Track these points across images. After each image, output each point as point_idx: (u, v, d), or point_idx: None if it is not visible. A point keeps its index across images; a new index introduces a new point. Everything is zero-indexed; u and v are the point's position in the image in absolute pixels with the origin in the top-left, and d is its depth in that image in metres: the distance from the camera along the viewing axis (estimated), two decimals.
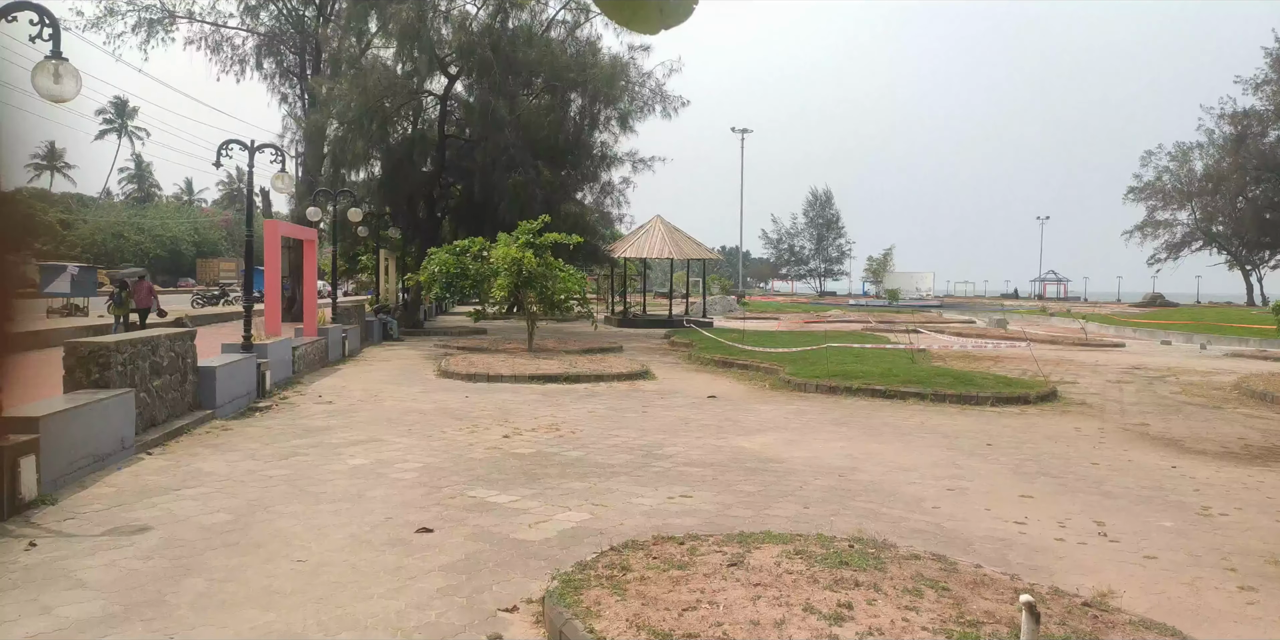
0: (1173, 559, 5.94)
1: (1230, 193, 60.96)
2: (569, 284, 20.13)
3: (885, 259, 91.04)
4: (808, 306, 56.92)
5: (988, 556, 5.85)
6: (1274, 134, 59.06)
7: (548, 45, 28.21)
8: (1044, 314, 48.72)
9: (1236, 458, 9.75)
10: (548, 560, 5.53)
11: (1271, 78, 58.08)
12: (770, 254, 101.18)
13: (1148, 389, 15.76)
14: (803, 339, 23.49)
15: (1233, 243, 64.26)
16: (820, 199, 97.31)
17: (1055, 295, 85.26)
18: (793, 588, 4.53)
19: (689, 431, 10.69)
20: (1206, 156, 63.47)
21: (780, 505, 7.15)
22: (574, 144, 29.97)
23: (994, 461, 9.20)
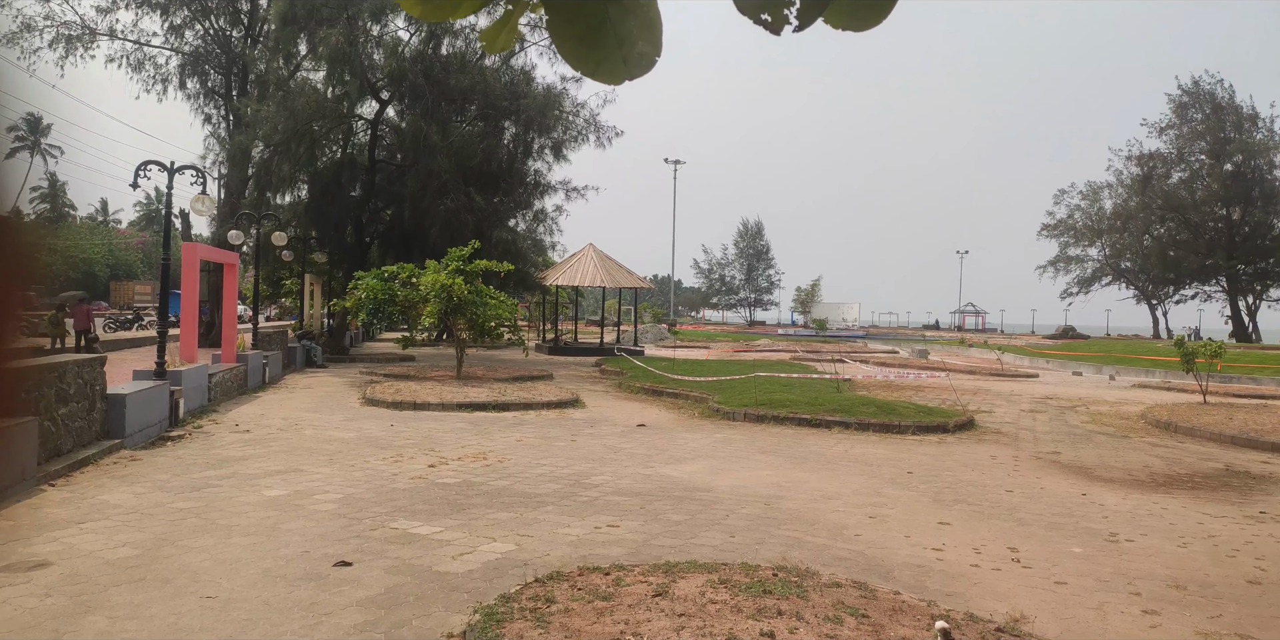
0: (1081, 584, 6.14)
1: (1137, 231, 64.04)
2: (499, 311, 20.01)
3: (813, 289, 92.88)
4: (738, 336, 57.57)
5: (907, 583, 5.96)
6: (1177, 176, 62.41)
7: (481, 73, 28.27)
8: (963, 345, 50.26)
9: (1142, 485, 10.16)
10: (471, 593, 5.43)
11: (1174, 123, 61.50)
12: (702, 283, 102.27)
13: (1059, 418, 16.34)
14: (732, 368, 23.74)
15: (1139, 278, 67.40)
16: (751, 230, 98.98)
17: (974, 327, 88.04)
18: (716, 617, 4.54)
19: (617, 460, 10.66)
20: (1115, 196, 66.64)
21: (707, 534, 7.18)
22: (507, 171, 29.98)
23: (914, 489, 9.41)
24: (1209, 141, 59.23)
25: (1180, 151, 61.64)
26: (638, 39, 1.55)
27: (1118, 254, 67.15)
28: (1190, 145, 60.87)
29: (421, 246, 26.87)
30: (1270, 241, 59.29)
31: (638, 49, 1.56)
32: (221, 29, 30.47)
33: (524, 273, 31.61)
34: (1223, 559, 6.95)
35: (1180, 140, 61.42)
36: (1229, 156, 58.37)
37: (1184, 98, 60.88)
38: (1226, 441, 13.62)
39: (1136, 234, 64.06)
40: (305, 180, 28.96)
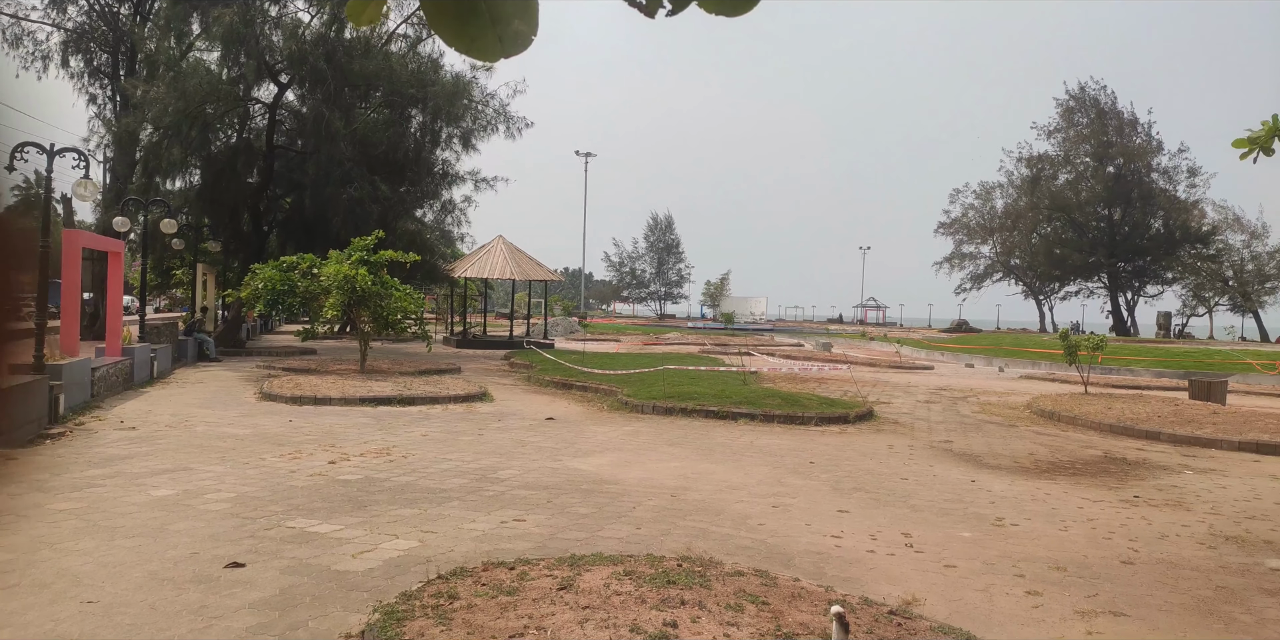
0: (970, 567, 6.42)
1: (1026, 229, 67.19)
2: (405, 303, 19.59)
3: (722, 284, 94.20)
4: (648, 329, 57.92)
5: (806, 570, 6.12)
6: (1063, 177, 65.71)
7: (387, 59, 27.56)
8: (864, 338, 51.79)
9: (1027, 472, 10.68)
10: (371, 592, 5.32)
11: (1062, 126, 64.74)
12: (613, 276, 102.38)
13: (952, 409, 17.02)
14: (642, 361, 23.86)
15: (1028, 275, 70.76)
16: (661, 224, 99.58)
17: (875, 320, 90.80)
18: (620, 609, 4.57)
19: (525, 454, 10.60)
20: (1006, 196, 69.77)
21: (614, 526, 7.21)
22: (414, 160, 29.34)
23: (815, 478, 9.66)
24: (1093, 145, 62.51)
25: (1067, 154, 64.90)
26: (513, 17, 1.54)
27: (1008, 251, 70.27)
28: (1076, 148, 64.15)
29: (324, 236, 26.07)
30: (1147, 241, 62.98)
31: (513, 27, 1.55)
32: (108, 4, 28.84)
33: (431, 264, 31.06)
34: (1100, 541, 7.37)
35: (1067, 143, 64.68)
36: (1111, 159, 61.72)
37: (1071, 102, 64.09)
38: (1105, 430, 14.44)
39: (1025, 232, 67.16)
40: (198, 165, 27.69)
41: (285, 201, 30.85)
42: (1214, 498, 9.33)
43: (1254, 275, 61.16)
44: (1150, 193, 62.06)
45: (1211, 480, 10.37)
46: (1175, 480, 10.30)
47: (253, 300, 19.85)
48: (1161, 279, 65.47)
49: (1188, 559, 6.86)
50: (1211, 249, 62.86)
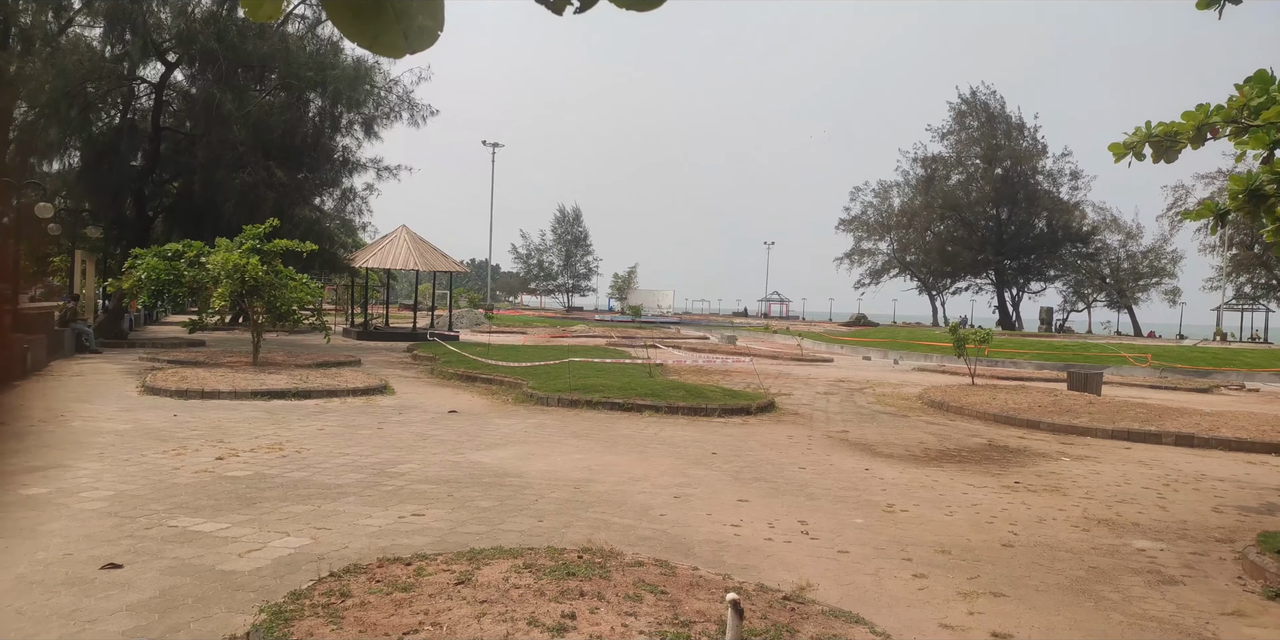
0: (861, 552, 6.63)
1: (920, 227, 69.66)
2: (301, 294, 18.95)
3: (630, 276, 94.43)
4: (555, 321, 57.65)
5: (706, 559, 6.21)
6: (955, 178, 68.37)
7: (284, 40, 26.55)
8: (767, 331, 52.85)
9: (917, 460, 11.10)
10: (258, 592, 5.13)
11: (954, 128, 67.31)
12: (520, 268, 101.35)
13: (849, 400, 17.55)
14: (548, 353, 23.74)
15: (922, 271, 73.40)
16: (569, 216, 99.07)
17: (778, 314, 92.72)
18: (519, 602, 4.54)
19: (426, 447, 10.42)
20: (903, 194, 72.19)
21: (515, 519, 7.16)
22: (312, 146, 28.38)
23: (717, 469, 9.81)
24: (983, 147, 65.24)
25: (959, 155, 67.56)
26: (417, 13, 1.50)
27: (904, 248, 72.73)
28: (967, 150, 66.84)
29: (214, 223, 24.96)
30: (1031, 240, 66.15)
31: (418, 23, 1.51)
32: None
33: (331, 254, 30.15)
34: (982, 525, 7.72)
35: (959, 145, 67.32)
36: (999, 162, 64.53)
37: (963, 106, 66.69)
38: (990, 419, 15.13)
39: (920, 230, 69.61)
40: (77, 146, 26.12)
41: (172, 186, 29.42)
42: (1088, 483, 9.89)
43: (1129, 273, 65.09)
44: (1035, 194, 65.23)
45: (1086, 466, 10.99)
46: (1053, 467, 10.88)
47: (135, 290, 18.87)
48: (1044, 276, 68.96)
49: (1063, 541, 7.25)
50: (1090, 248, 66.56)
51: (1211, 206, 8.11)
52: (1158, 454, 12.21)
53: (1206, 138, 7.42)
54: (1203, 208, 8.16)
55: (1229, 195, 8.23)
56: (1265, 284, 62.29)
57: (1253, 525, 7.97)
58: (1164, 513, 8.49)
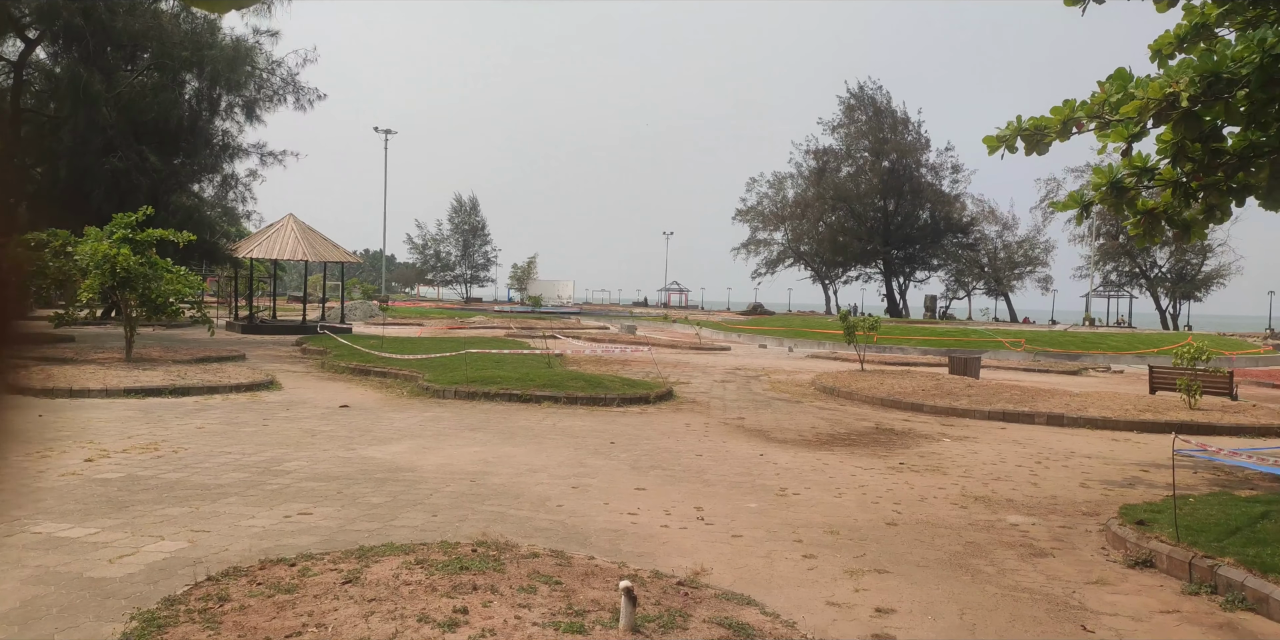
0: (754, 536, 6.78)
1: (813, 218, 71.51)
2: (178, 285, 18.01)
3: (529, 267, 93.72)
4: (453, 312, 56.70)
5: (602, 548, 6.22)
6: (845, 170, 70.40)
7: (156, 17, 25.16)
8: (667, 321, 53.35)
9: (809, 444, 11.42)
10: (130, 599, 4.86)
11: (844, 122, 69.24)
12: (416, 259, 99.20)
13: (746, 387, 17.89)
14: (445, 345, 23.31)
15: (815, 261, 75.40)
16: (466, 206, 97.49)
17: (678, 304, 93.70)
18: (409, 599, 4.45)
19: (315, 444, 10.08)
20: (796, 186, 73.91)
21: (409, 515, 7.01)
22: (189, 130, 27.03)
23: (615, 458, 9.84)
24: (871, 141, 67.37)
25: (848, 148, 69.57)
26: None
27: (798, 238, 74.51)
28: (856, 143, 68.90)
29: (81, 211, 23.48)
30: (916, 230, 68.78)
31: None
32: None
33: (211, 244, 28.83)
34: (869, 505, 8.00)
35: (848, 138, 69.32)
36: (886, 155, 66.77)
37: (851, 100, 68.64)
38: (878, 403, 15.69)
39: (813, 221, 71.45)
40: None
41: (35, 172, 27.50)
42: (966, 462, 10.37)
43: (1005, 262, 68.51)
44: (920, 186, 67.84)
45: (965, 447, 11.53)
46: (935, 448, 11.37)
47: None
48: (928, 265, 71.89)
49: (942, 518, 7.59)
50: (970, 238, 69.73)
51: (1078, 198, 8.60)
52: (1031, 433, 12.91)
53: (1072, 132, 7.85)
54: (1069, 199, 8.64)
55: (1094, 187, 8.75)
56: (1129, 272, 66.70)
57: (1116, 499, 8.51)
58: (1036, 489, 8.99)
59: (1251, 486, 9.06)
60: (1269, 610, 5.27)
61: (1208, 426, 13.16)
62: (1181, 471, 9.74)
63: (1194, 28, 9.09)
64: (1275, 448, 11.31)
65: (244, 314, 35.30)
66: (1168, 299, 65.69)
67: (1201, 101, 7.34)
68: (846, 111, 68.66)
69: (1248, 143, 8.63)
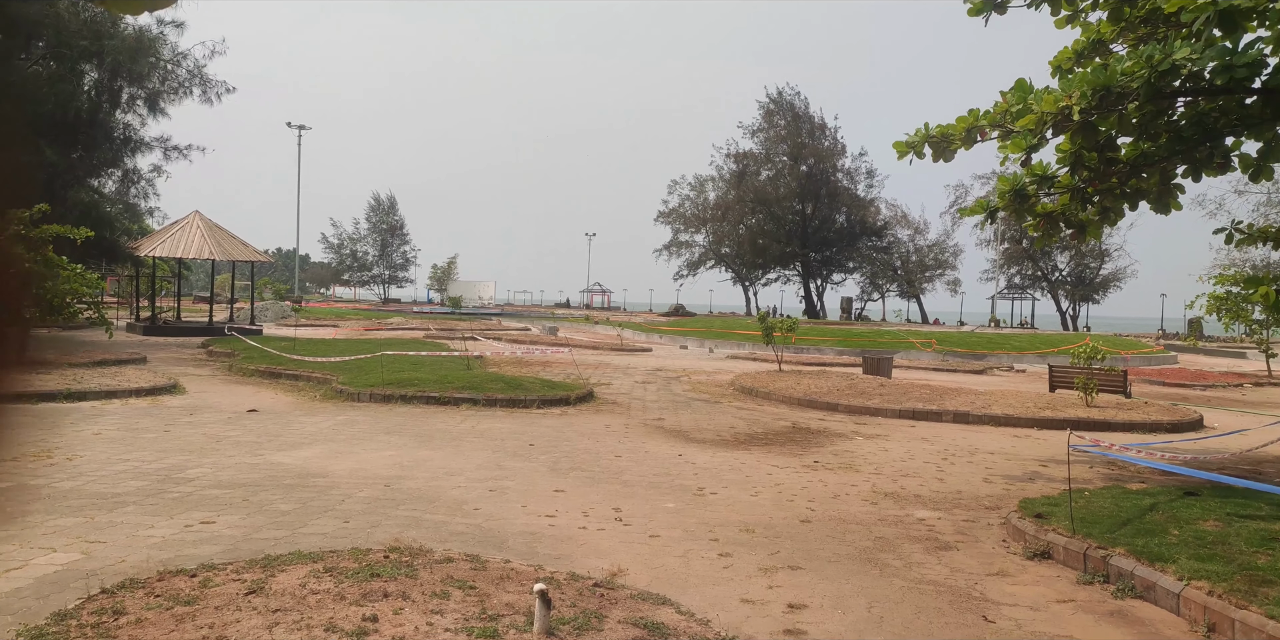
0: (671, 535, 6.83)
1: (734, 220, 72.36)
2: (75, 285, 17.17)
3: (450, 267, 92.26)
4: (370, 313, 55.47)
5: (519, 551, 6.18)
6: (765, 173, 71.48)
7: (53, 5, 23.89)
8: (589, 322, 53.31)
9: (727, 444, 11.56)
10: (17, 614, 4.61)
11: (763, 126, 70.27)
12: (332, 259, 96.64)
13: (666, 388, 18.01)
14: (361, 347, 22.79)
15: (735, 262, 76.33)
16: (384, 205, 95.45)
17: (600, 305, 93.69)
18: (316, 608, 4.33)
19: (221, 450, 9.73)
20: (717, 188, 74.68)
21: (319, 521, 6.83)
22: (88, 123, 25.77)
23: (534, 460, 9.78)
24: (789, 145, 68.58)
25: (767, 152, 70.68)
26: None
27: (719, 240, 75.31)
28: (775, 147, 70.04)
29: None
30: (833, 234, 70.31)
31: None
32: None
33: (111, 241, 27.53)
34: (784, 503, 8.14)
35: (767, 142, 70.42)
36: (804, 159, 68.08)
37: (770, 105, 69.77)
38: (795, 403, 15.99)
39: (734, 223, 72.33)
40: None
41: None
42: (878, 459, 10.66)
43: (917, 265, 70.66)
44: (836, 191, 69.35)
45: (877, 444, 11.84)
46: (848, 445, 11.64)
47: None
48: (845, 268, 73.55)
49: (854, 514, 7.78)
50: (884, 242, 71.63)
51: (983, 204, 8.94)
52: (939, 431, 13.34)
53: (976, 140, 8.15)
54: (976, 205, 8.97)
55: (998, 195, 9.10)
56: (1032, 275, 69.55)
57: (1016, 493, 8.86)
58: (942, 484, 9.29)
59: (1142, 480, 9.55)
60: (1155, 597, 5.56)
61: (1103, 423, 13.82)
62: (1078, 466, 10.21)
63: (1091, 44, 9.55)
64: (1164, 443, 11.95)
65: (146, 315, 33.84)
66: (1068, 301, 68.75)
67: (1094, 114, 7.71)
68: (766, 116, 69.74)
69: (1139, 152, 9.11)
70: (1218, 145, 9.07)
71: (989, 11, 8.78)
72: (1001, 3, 8.86)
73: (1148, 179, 9.32)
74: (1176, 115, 8.99)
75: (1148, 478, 9.69)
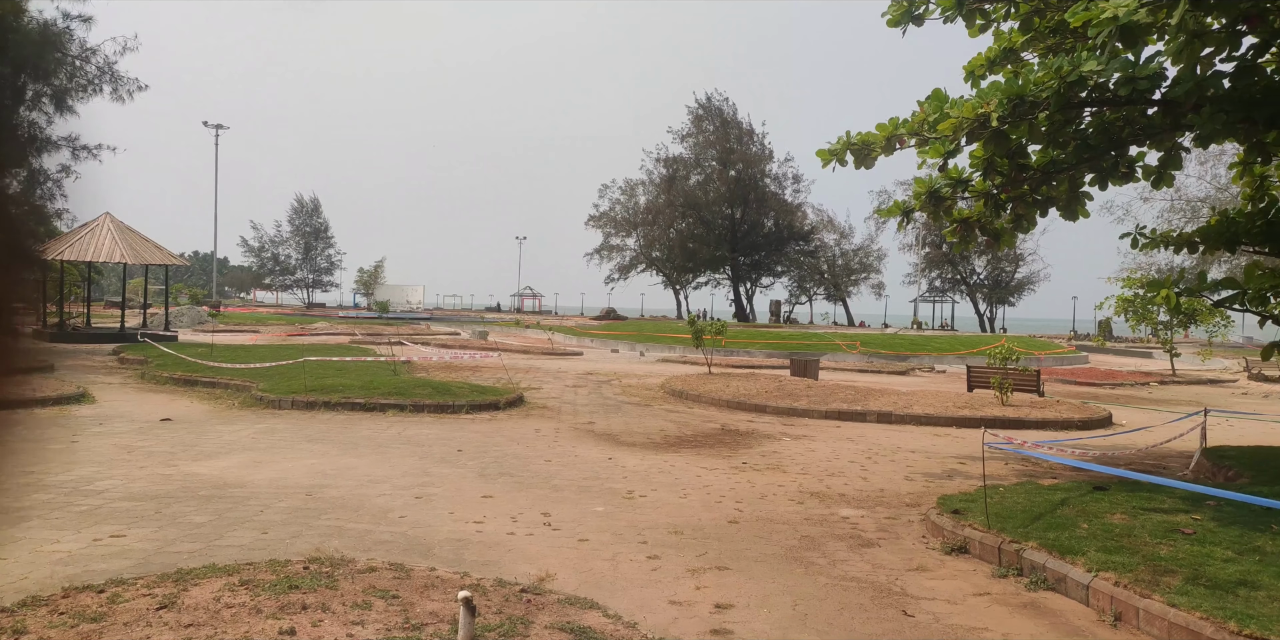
0: (600, 539, 6.82)
1: (664, 224, 72.78)
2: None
3: (376, 271, 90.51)
4: (293, 318, 54.05)
5: (446, 558, 6.09)
6: (695, 178, 72.10)
7: None
8: (520, 326, 52.94)
9: (657, 446, 11.60)
10: None
11: (693, 131, 70.90)
12: (252, 262, 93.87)
13: (597, 391, 17.99)
14: (283, 353, 22.18)
15: (666, 266, 76.75)
16: (307, 207, 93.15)
17: (531, 308, 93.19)
18: (231, 622, 4.20)
19: (132, 461, 9.36)
20: (648, 193, 75.00)
21: (236, 533, 6.62)
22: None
23: (462, 466, 9.66)
24: (718, 150, 69.36)
25: (697, 157, 71.34)
26: None
27: (650, 244, 75.64)
28: (704, 152, 70.75)
29: None
30: (761, 238, 71.30)
31: None
32: None
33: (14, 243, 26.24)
34: (712, 505, 8.21)
35: (697, 147, 71.08)
36: (733, 164, 68.91)
37: (700, 111, 70.46)
38: (724, 405, 16.14)
39: (664, 227, 72.76)
40: None
41: None
42: (804, 460, 10.83)
43: (843, 269, 72.15)
44: (764, 195, 70.37)
45: (804, 445, 12.03)
46: (776, 447, 11.81)
47: None
48: (773, 271, 74.65)
49: (780, 514, 7.89)
50: (811, 246, 72.93)
51: (900, 205, 9.17)
52: (863, 431, 13.63)
53: (896, 147, 8.37)
54: (894, 206, 9.21)
55: (915, 196, 9.35)
56: (952, 279, 71.66)
57: (936, 490, 9.11)
58: (865, 483, 9.49)
59: (1055, 476, 9.91)
60: (1066, 588, 5.78)
61: (1018, 421, 14.31)
62: (994, 463, 10.56)
63: (1003, 52, 9.91)
64: (1075, 440, 12.44)
65: (54, 321, 32.32)
66: (985, 304, 71.05)
67: (1008, 122, 7.99)
68: (695, 121, 70.35)
69: (1049, 159, 9.48)
70: (1122, 154, 9.50)
71: (907, 23, 9.04)
72: (919, 15, 9.13)
73: (1057, 187, 9.70)
74: (1084, 124, 9.38)
75: (1060, 473, 10.06)
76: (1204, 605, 4.84)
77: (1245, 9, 7.42)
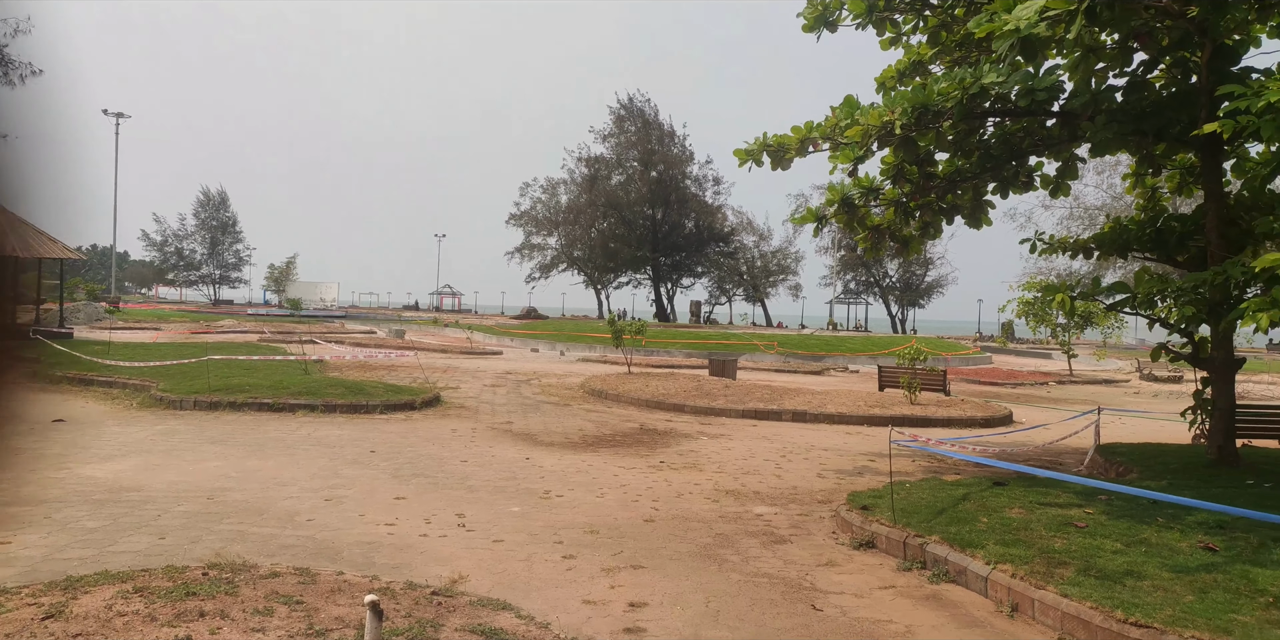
0: (515, 540, 6.77)
1: (586, 224, 72.68)
2: None
3: (288, 268, 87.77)
4: (199, 315, 52.03)
5: (355, 562, 5.96)
6: (616, 178, 72.21)
7: None
8: (438, 325, 52.09)
9: (575, 446, 11.58)
10: None
11: (615, 132, 70.99)
12: (155, 257, 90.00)
13: (516, 391, 17.85)
14: (186, 351, 21.33)
15: (588, 266, 76.66)
16: (214, 200, 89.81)
17: (450, 307, 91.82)
18: (123, 631, 4.02)
19: (19, 464, 8.84)
20: (569, 192, 74.77)
21: (131, 539, 6.34)
22: None
23: (375, 467, 9.46)
24: (640, 151, 69.64)
25: (619, 157, 71.50)
26: None
27: (571, 244, 75.44)
28: (626, 153, 70.95)
29: None
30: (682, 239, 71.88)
31: None
32: None
33: None
34: (629, 504, 8.23)
35: (619, 148, 71.24)
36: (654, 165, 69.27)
37: (621, 111, 70.63)
38: (643, 404, 16.21)
39: (586, 227, 72.68)
40: None
41: None
42: (721, 458, 10.96)
43: (762, 270, 73.30)
44: (685, 197, 70.97)
45: (720, 444, 12.18)
46: (694, 446, 11.92)
47: None
48: (694, 272, 75.36)
49: (696, 512, 7.97)
50: (731, 247, 73.89)
51: (814, 212, 9.38)
52: (778, 429, 13.87)
53: (809, 150, 8.55)
54: (807, 213, 9.40)
55: (828, 204, 9.57)
56: (865, 281, 73.63)
57: (846, 487, 9.33)
58: (780, 481, 9.66)
59: (958, 472, 10.27)
60: (966, 581, 5.99)
61: (924, 419, 14.78)
62: (902, 460, 10.88)
63: (912, 64, 10.22)
64: (977, 437, 12.92)
65: None
66: (897, 306, 73.20)
67: (914, 130, 8.25)
68: (617, 122, 70.47)
69: (954, 168, 9.82)
70: (1023, 164, 9.92)
71: (821, 29, 9.24)
72: (832, 21, 9.35)
73: (962, 195, 10.07)
74: (987, 134, 9.76)
75: (963, 469, 10.43)
76: (1094, 595, 5.08)
77: (1136, 26, 7.84)
